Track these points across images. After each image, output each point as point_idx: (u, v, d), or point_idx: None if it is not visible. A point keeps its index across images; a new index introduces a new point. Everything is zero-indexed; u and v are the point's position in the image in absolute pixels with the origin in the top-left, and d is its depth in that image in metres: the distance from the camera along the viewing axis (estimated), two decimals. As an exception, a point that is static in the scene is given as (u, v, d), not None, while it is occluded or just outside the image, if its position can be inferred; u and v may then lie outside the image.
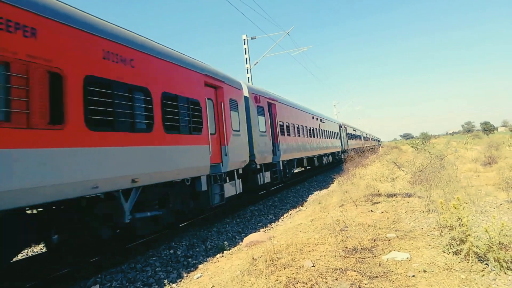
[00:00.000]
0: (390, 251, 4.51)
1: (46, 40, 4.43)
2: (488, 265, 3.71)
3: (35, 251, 7.78)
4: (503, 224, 3.72)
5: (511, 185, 8.11)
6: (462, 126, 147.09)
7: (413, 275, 3.68)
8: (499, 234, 3.68)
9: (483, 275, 3.58)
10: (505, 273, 3.56)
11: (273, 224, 9.60)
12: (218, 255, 6.64)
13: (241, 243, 7.31)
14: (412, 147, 29.72)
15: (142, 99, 6.00)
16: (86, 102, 4.91)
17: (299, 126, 17.40)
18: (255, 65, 20.00)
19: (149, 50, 6.47)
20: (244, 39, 19.90)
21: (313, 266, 4.16)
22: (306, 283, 3.65)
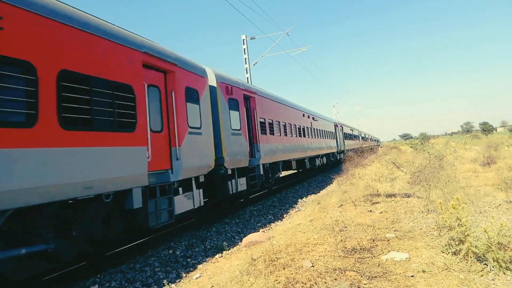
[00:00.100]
0: (389, 251, 4.51)
1: None
2: (487, 265, 3.72)
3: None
4: (502, 224, 3.73)
5: (510, 185, 8.13)
6: (461, 126, 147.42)
7: (412, 275, 3.68)
8: (498, 234, 3.69)
9: (482, 275, 3.59)
10: (504, 273, 3.57)
11: (272, 224, 9.61)
12: (217, 255, 6.64)
13: (240, 243, 7.31)
14: (411, 147, 29.80)
15: (16, 77, 4.21)
16: None
17: (286, 124, 15.60)
18: (254, 65, 20.01)
19: (35, 6, 4.50)
20: (243, 39, 19.91)
21: (312, 266, 4.16)
22: (305, 283, 3.65)
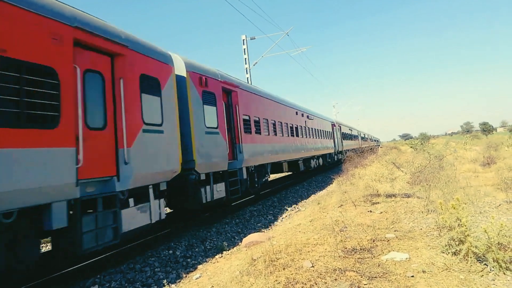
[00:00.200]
0: (389, 251, 4.51)
1: None
2: (487, 266, 3.72)
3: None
4: (502, 224, 3.73)
5: (510, 185, 8.13)
6: (461, 126, 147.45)
7: (412, 276, 3.68)
8: (498, 234, 3.69)
9: (482, 275, 3.58)
10: (504, 273, 3.57)
11: (272, 224, 9.61)
12: (217, 256, 6.64)
13: (240, 243, 7.31)
14: (411, 147, 29.81)
15: None
16: None
17: (276, 122, 14.32)
18: (254, 65, 20.02)
19: None
20: (243, 39, 19.91)
21: (312, 266, 4.16)
22: (305, 284, 3.65)
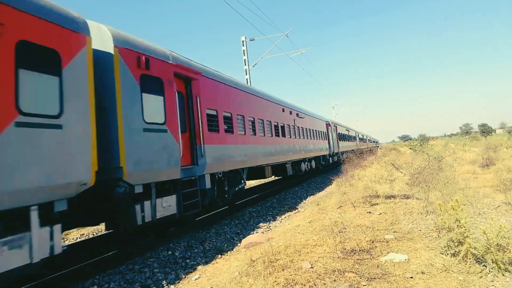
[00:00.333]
0: (388, 252, 4.51)
1: None
2: (486, 267, 3.72)
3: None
4: (501, 225, 3.74)
5: (509, 187, 8.14)
6: (460, 128, 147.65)
7: (411, 277, 3.68)
8: (497, 235, 3.70)
9: (481, 276, 3.59)
10: (503, 274, 3.57)
11: (272, 225, 9.60)
12: (216, 256, 6.63)
13: (239, 244, 7.30)
14: (410, 148, 29.79)
15: None
16: None
17: (256, 120, 12.18)
18: (253, 66, 20.04)
19: None
20: (242, 41, 19.93)
21: (312, 267, 4.16)
22: (304, 285, 3.65)
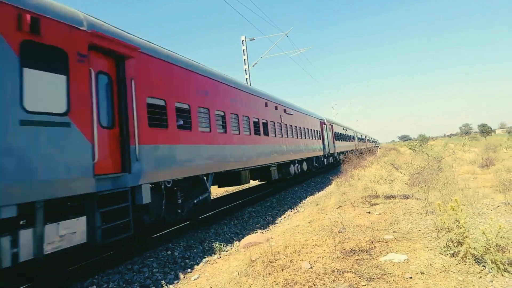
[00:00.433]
0: (387, 252, 4.51)
1: None
2: (485, 267, 3.72)
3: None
4: (500, 226, 3.73)
5: (508, 187, 8.14)
6: (459, 128, 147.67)
7: (411, 277, 3.68)
8: (497, 236, 3.69)
9: (481, 277, 3.58)
10: (502, 275, 3.57)
11: (271, 225, 9.59)
12: (215, 256, 6.62)
13: (238, 244, 7.29)
14: (410, 148, 29.76)
15: None
16: None
17: (227, 114, 10.00)
18: (253, 66, 20.02)
19: None
20: (242, 40, 19.92)
21: (311, 267, 4.16)
22: (303, 285, 3.65)
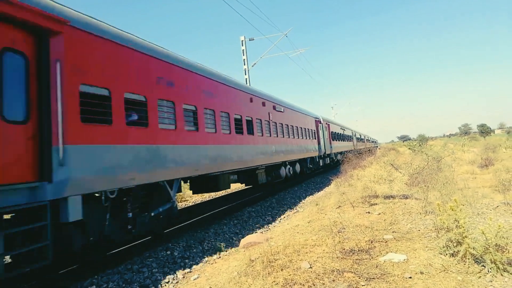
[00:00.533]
0: (387, 252, 4.51)
1: None
2: (484, 267, 3.72)
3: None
4: (499, 226, 3.74)
5: (508, 187, 8.15)
6: (459, 128, 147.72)
7: (410, 277, 3.68)
8: (496, 236, 3.70)
9: (480, 276, 3.59)
10: (502, 274, 3.58)
11: (271, 225, 9.59)
12: (215, 256, 6.62)
13: (238, 244, 7.29)
14: (409, 148, 29.78)
15: None
16: None
17: (198, 109, 8.40)
18: (253, 66, 20.02)
19: None
20: (242, 41, 19.92)
21: (310, 267, 4.16)
22: (303, 285, 3.65)
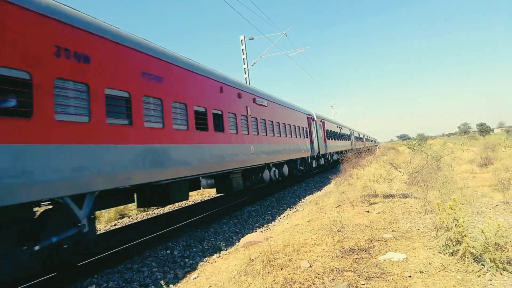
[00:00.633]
0: (386, 251, 4.52)
1: None
2: (484, 266, 3.73)
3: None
4: (499, 225, 3.74)
5: (507, 186, 8.16)
6: (458, 127, 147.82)
7: (410, 276, 3.69)
8: (495, 235, 3.70)
9: (479, 275, 3.59)
10: (501, 273, 3.58)
11: (270, 224, 9.60)
12: (215, 256, 6.63)
13: (238, 243, 7.30)
14: (408, 148, 29.79)
15: None
16: None
17: (133, 97, 6.27)
18: (252, 65, 20.01)
19: None
20: (241, 40, 19.91)
21: (310, 266, 4.16)
22: (303, 284, 3.65)
